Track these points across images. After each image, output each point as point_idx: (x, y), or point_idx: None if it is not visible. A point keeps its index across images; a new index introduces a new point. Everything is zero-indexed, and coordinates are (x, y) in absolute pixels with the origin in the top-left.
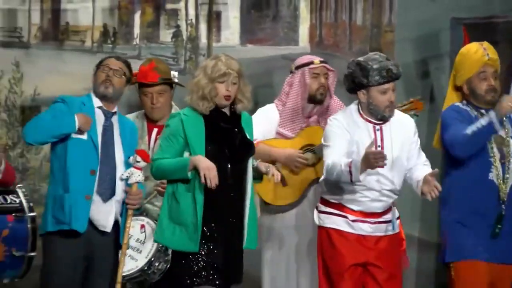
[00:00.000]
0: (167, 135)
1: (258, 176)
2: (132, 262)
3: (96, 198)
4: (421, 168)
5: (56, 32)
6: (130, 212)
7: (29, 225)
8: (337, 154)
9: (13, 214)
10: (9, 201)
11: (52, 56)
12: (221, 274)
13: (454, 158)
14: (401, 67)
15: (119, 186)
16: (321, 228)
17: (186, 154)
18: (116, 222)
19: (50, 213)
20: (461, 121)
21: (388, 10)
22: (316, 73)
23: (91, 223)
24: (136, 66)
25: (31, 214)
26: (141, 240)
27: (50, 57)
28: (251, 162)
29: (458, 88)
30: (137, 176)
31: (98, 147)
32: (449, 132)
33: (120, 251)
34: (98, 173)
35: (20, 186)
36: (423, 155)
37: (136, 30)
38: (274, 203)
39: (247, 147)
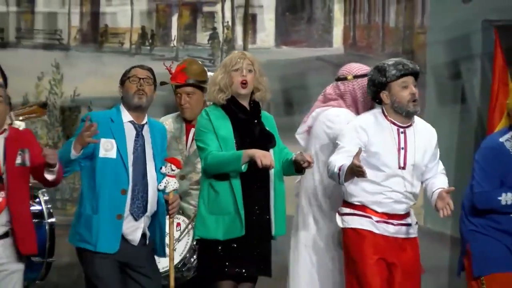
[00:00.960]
0: (202, 131)
1: (298, 168)
2: (166, 260)
3: (128, 216)
4: (439, 177)
5: (95, 34)
6: (171, 219)
7: (47, 231)
8: (340, 155)
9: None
10: None
11: (92, 58)
12: (249, 264)
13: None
14: (433, 68)
15: (151, 203)
16: (345, 229)
17: None
18: (143, 235)
19: (76, 229)
20: (496, 169)
21: (420, 12)
22: None
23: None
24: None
25: (50, 220)
26: (176, 238)
27: (89, 59)
28: (272, 152)
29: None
30: (173, 184)
31: (128, 166)
32: (483, 185)
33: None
34: (130, 192)
35: (43, 191)
36: (440, 164)
37: (174, 32)
38: None
39: (267, 138)
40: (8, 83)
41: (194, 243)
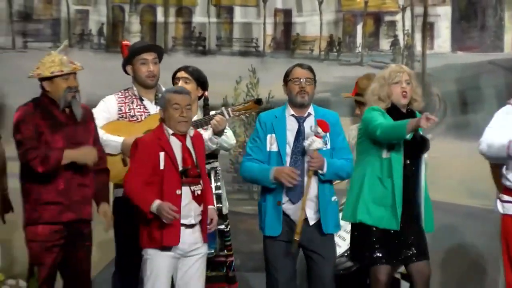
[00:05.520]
0: (372, 112)
1: None
2: (337, 249)
3: (286, 201)
4: None
5: (288, 42)
6: (310, 173)
7: (214, 203)
8: (496, 136)
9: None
10: None
11: (284, 63)
12: (402, 251)
13: None
14: None
15: (310, 187)
16: (504, 215)
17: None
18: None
19: (259, 217)
20: None
21: None
22: None
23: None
24: (357, 72)
25: (217, 192)
26: (347, 230)
27: (282, 64)
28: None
29: None
30: (317, 143)
31: (285, 157)
32: None
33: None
34: None
35: (215, 167)
36: None
37: (359, 40)
38: None
39: (424, 143)
40: (209, 85)
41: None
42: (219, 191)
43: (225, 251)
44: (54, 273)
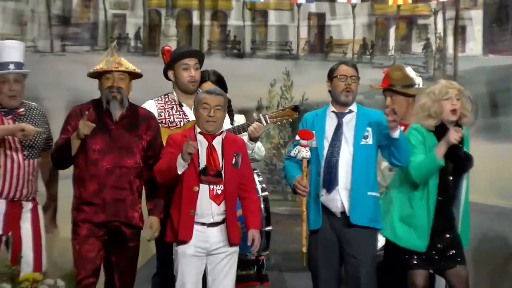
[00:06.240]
0: (412, 144)
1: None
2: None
3: (324, 192)
4: None
5: (322, 45)
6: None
7: (262, 205)
8: None
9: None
10: None
11: (318, 66)
12: (438, 259)
13: None
14: None
15: (342, 177)
16: None
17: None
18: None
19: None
20: None
21: None
22: None
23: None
24: None
25: (264, 194)
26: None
27: (316, 67)
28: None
29: None
30: (303, 152)
31: (321, 152)
32: None
33: None
34: (322, 173)
35: (258, 172)
36: None
37: (391, 43)
38: None
39: (469, 160)
40: (244, 88)
41: None
42: (265, 193)
43: (267, 251)
44: (97, 270)
